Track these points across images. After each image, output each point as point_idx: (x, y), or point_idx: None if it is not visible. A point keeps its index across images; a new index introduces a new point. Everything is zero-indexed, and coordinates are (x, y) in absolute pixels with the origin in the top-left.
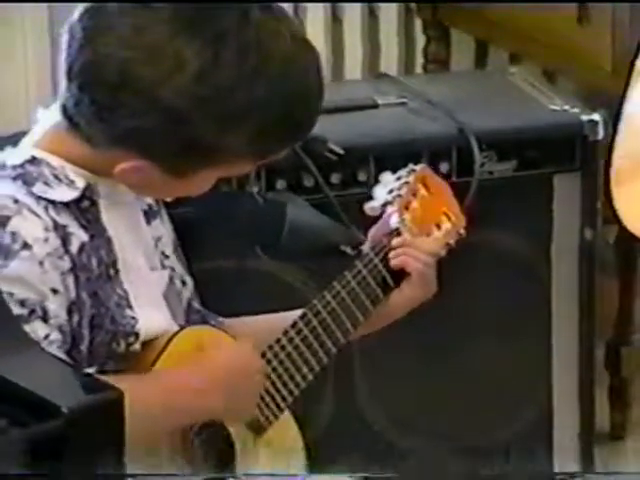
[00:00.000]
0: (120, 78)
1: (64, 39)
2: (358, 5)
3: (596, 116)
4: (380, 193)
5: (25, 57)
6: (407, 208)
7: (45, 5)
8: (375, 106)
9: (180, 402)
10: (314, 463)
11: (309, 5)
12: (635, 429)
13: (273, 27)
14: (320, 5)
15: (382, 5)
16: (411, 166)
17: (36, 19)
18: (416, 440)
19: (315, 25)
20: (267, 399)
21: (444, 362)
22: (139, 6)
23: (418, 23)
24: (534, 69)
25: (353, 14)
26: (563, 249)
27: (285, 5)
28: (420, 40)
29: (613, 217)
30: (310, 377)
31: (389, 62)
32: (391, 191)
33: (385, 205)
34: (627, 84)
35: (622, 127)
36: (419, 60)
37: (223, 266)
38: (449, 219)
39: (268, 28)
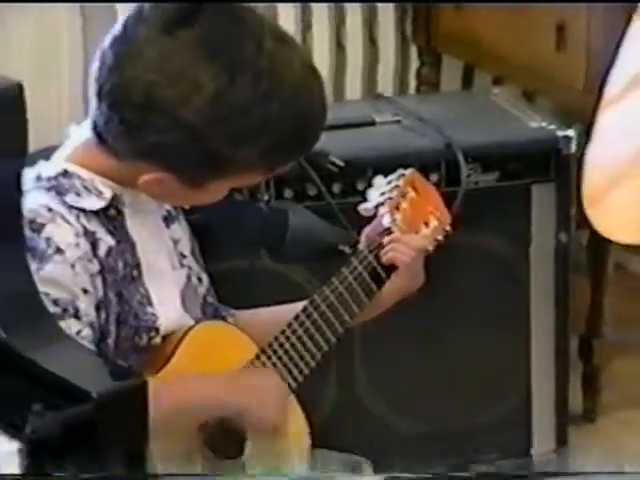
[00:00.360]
0: (145, 99)
1: (96, 62)
2: (360, 32)
3: (570, 132)
4: (373, 195)
5: (59, 76)
6: (397, 208)
7: (80, 26)
8: (372, 123)
9: (200, 390)
10: (318, 446)
11: (315, 32)
12: (605, 412)
13: (284, 55)
14: (326, 32)
15: (381, 32)
16: (401, 170)
17: (71, 40)
18: (411, 423)
19: (321, 51)
20: None
21: (436, 352)
22: (164, 35)
23: (413, 49)
24: (515, 90)
25: (355, 41)
26: (540, 251)
27: (293, 31)
28: (414, 64)
29: (585, 222)
30: (312, 365)
31: (385, 84)
32: (383, 194)
33: (378, 206)
34: (597, 103)
35: (593, 142)
36: (412, 82)
37: (234, 266)
38: (436, 217)
39: (280, 56)
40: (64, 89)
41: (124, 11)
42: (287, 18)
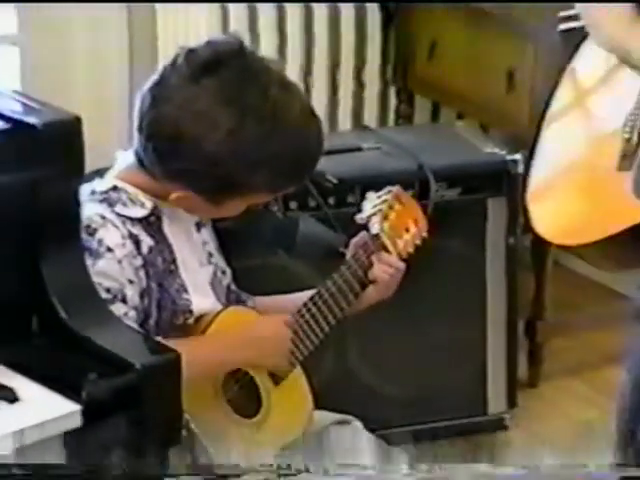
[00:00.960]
0: (174, 133)
1: (138, 102)
2: (350, 76)
3: (517, 157)
4: (366, 207)
5: (110, 111)
6: (386, 218)
7: (127, 74)
8: (360, 149)
9: (221, 357)
10: (317, 408)
11: (315, 76)
12: (545, 379)
13: (286, 101)
14: (323, 76)
15: (368, 77)
16: (389, 187)
17: (120, 84)
18: (392, 387)
19: (319, 91)
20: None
21: (413, 331)
22: (191, 83)
23: (393, 90)
24: (473, 123)
25: (347, 83)
26: (494, 251)
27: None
28: (393, 102)
29: (528, 228)
30: (316, 342)
31: (370, 118)
32: (375, 206)
33: (370, 217)
34: (537, 135)
35: (535, 165)
36: (392, 116)
37: (257, 262)
38: (416, 225)
39: (282, 102)
40: (113, 122)
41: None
42: (292, 66)
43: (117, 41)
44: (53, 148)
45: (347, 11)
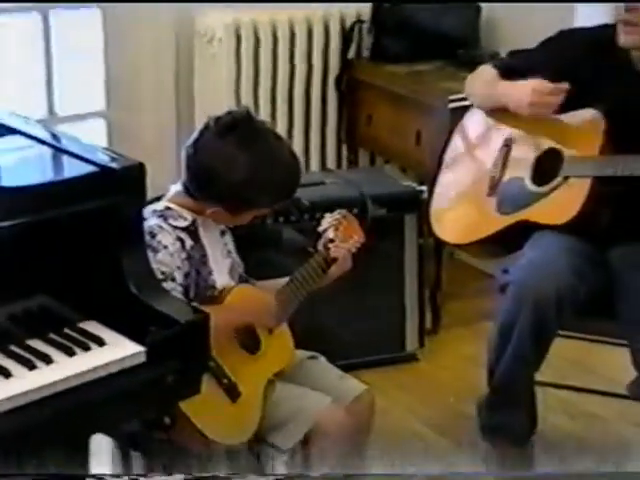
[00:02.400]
0: (209, 172)
1: (183, 151)
2: (319, 136)
3: (423, 187)
4: (324, 222)
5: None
6: (337, 229)
7: (174, 130)
8: (323, 183)
9: (238, 315)
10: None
11: (295, 138)
12: (443, 329)
13: (280, 148)
14: (301, 136)
15: (328, 138)
16: (339, 210)
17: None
18: (343, 335)
19: (297, 147)
20: None
21: (357, 298)
22: (218, 138)
23: (345, 146)
24: (395, 167)
25: (315, 141)
26: (409, 248)
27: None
28: (344, 153)
29: (430, 233)
30: (295, 306)
31: (331, 163)
32: (329, 222)
33: (327, 228)
34: (436, 174)
35: (435, 193)
36: (344, 162)
37: (258, 257)
38: (356, 235)
39: (278, 149)
40: (168, 164)
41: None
42: (280, 127)
43: (168, 114)
44: (127, 183)
45: (316, 91)
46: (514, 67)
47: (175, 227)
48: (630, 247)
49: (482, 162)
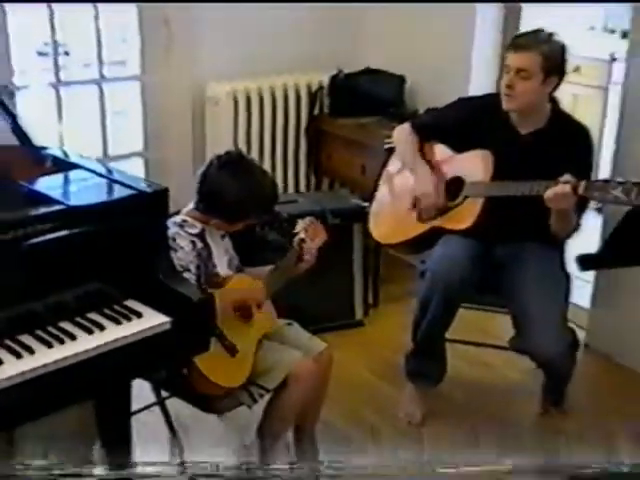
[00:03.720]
0: (213, 195)
1: (197, 179)
2: (292, 169)
3: (366, 204)
4: (297, 227)
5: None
6: (307, 231)
7: (191, 162)
8: (297, 201)
9: (236, 295)
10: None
11: (278, 169)
12: (382, 302)
13: (263, 175)
14: (280, 169)
15: (301, 170)
16: (309, 217)
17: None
18: (308, 308)
19: (278, 176)
20: None
21: (318, 281)
22: (219, 170)
23: (313, 176)
24: (347, 190)
25: (292, 172)
26: (357, 247)
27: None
28: (313, 181)
29: (369, 236)
30: (277, 289)
31: (302, 187)
32: (301, 226)
33: (299, 231)
34: (372, 195)
35: (372, 208)
36: (312, 187)
37: (250, 251)
38: (321, 236)
39: (261, 175)
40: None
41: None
42: (266, 164)
43: (187, 154)
44: (157, 202)
45: (291, 137)
46: (426, 123)
47: (189, 234)
48: (509, 245)
49: (403, 187)
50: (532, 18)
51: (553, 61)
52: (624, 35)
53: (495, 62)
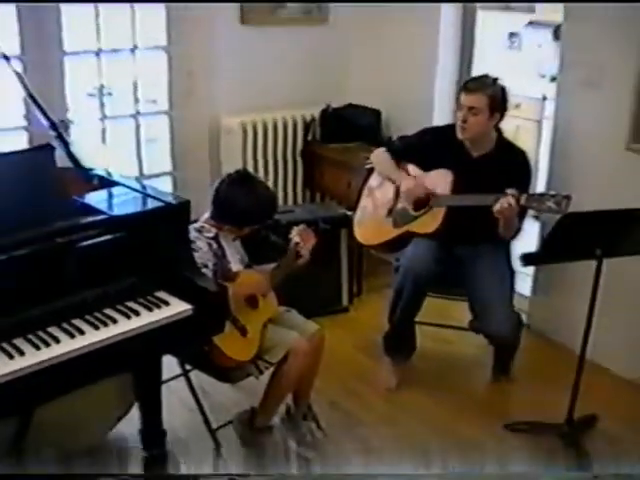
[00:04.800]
0: (225, 206)
1: (212, 194)
2: (291, 186)
3: (350, 212)
4: (293, 232)
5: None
6: (301, 236)
7: (209, 179)
8: (293, 211)
9: (245, 287)
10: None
11: (278, 187)
12: (365, 292)
13: (264, 187)
14: (281, 185)
15: (298, 186)
16: (302, 225)
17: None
18: (303, 297)
19: (278, 191)
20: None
21: (309, 275)
22: (229, 186)
23: (308, 191)
24: (335, 201)
25: (290, 188)
26: (344, 247)
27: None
28: (308, 195)
29: (354, 238)
30: (278, 282)
31: (298, 200)
32: (296, 231)
33: (294, 235)
34: (356, 205)
35: (356, 216)
36: (308, 199)
37: (257, 251)
38: (312, 239)
39: (263, 189)
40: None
41: None
42: (271, 180)
43: (206, 173)
44: (180, 212)
45: (290, 159)
46: (398, 147)
47: (206, 237)
48: (466, 246)
49: (381, 199)
50: (481, 65)
51: (497, 100)
52: (553, 79)
53: (452, 98)
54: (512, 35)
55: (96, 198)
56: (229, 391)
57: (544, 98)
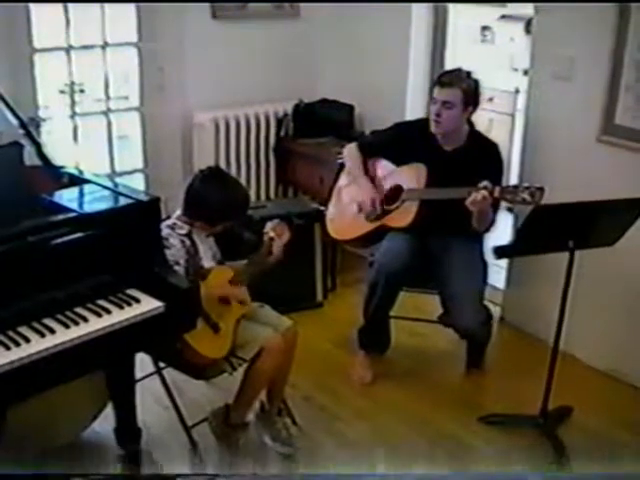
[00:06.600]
0: (197, 202)
1: (184, 191)
2: (264, 181)
3: (322, 208)
4: (267, 227)
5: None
6: (274, 230)
7: (182, 176)
8: (266, 206)
9: (219, 288)
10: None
11: (252, 182)
12: (339, 286)
13: (237, 184)
14: (254, 181)
15: (271, 177)
16: (276, 219)
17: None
18: (278, 292)
19: (251, 187)
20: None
21: (289, 270)
22: (202, 182)
23: (281, 186)
24: (308, 196)
25: (264, 183)
26: (317, 243)
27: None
28: (280, 189)
29: (327, 234)
30: (251, 278)
31: (271, 195)
32: (270, 226)
33: (268, 231)
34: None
35: (328, 211)
36: (280, 194)
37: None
38: (287, 234)
39: (235, 185)
40: (177, 198)
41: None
42: (243, 176)
43: (178, 169)
44: (150, 209)
45: (262, 154)
46: (370, 142)
47: (179, 234)
48: (439, 239)
49: (352, 194)
50: (454, 59)
51: (470, 94)
52: (525, 72)
53: (425, 92)
54: (484, 29)
55: (66, 196)
56: (203, 388)
57: (517, 91)
